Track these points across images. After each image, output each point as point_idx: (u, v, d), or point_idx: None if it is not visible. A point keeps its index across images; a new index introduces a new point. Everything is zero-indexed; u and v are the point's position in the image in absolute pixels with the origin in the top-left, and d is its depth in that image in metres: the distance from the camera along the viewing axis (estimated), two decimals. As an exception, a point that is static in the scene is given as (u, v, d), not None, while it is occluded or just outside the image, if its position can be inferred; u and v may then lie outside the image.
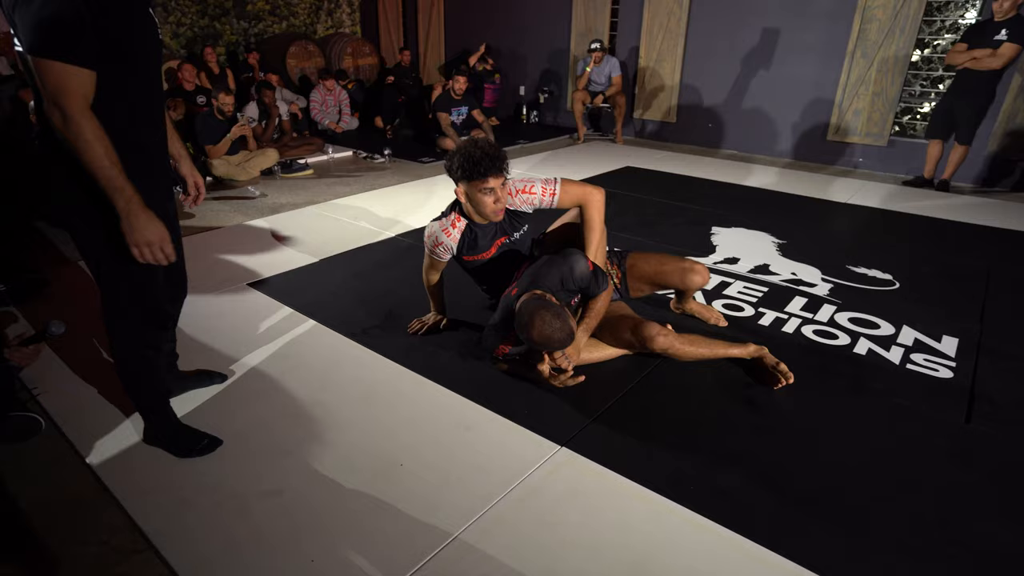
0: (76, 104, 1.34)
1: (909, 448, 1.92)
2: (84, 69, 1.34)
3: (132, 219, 1.44)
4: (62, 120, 1.34)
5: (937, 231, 4.06)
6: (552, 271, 2.11)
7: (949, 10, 5.32)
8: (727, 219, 4.12)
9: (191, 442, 1.86)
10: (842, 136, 5.89)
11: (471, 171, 2.08)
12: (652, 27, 6.80)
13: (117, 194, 1.42)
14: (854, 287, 3.10)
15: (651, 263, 2.48)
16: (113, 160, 1.40)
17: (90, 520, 1.62)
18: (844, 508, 1.67)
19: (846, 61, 5.67)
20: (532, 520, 1.62)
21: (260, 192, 4.74)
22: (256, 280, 3.11)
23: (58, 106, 1.33)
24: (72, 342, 2.45)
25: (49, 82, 1.32)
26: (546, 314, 1.89)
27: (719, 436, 1.97)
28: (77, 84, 1.34)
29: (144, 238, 1.46)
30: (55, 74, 1.31)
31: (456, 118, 6.25)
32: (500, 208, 2.17)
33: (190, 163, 1.87)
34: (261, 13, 8.20)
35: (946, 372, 2.33)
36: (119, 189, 1.42)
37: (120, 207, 1.42)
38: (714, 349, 2.29)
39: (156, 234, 1.48)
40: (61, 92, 1.32)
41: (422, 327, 2.56)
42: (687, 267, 2.44)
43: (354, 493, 1.71)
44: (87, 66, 1.35)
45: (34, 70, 1.33)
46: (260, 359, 2.38)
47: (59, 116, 1.33)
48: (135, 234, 1.45)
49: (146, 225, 1.46)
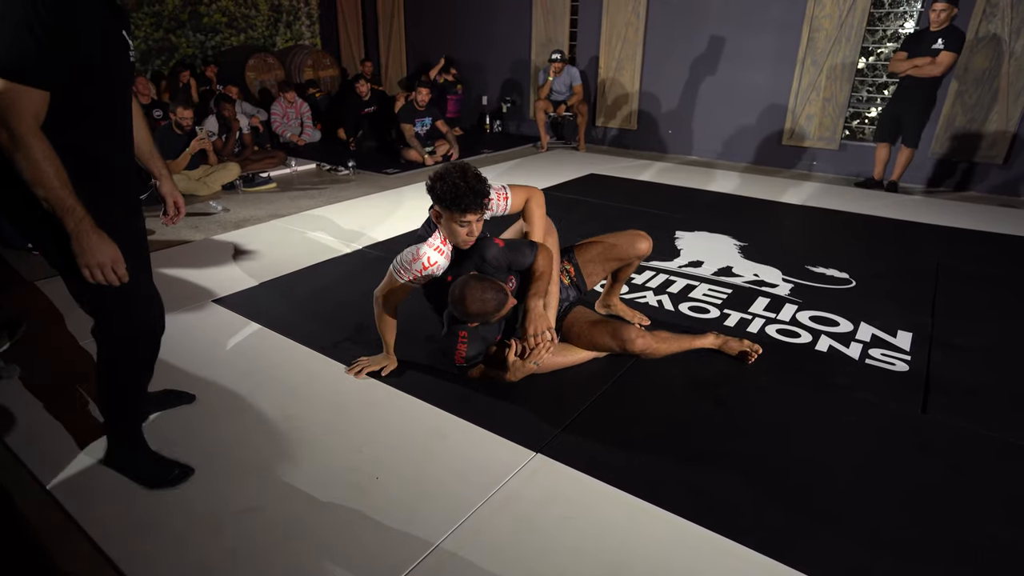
0: (26, 124, 1.30)
1: (872, 440, 1.99)
2: (36, 89, 1.31)
3: (82, 239, 1.40)
4: (10, 140, 1.30)
5: (888, 230, 4.24)
6: (469, 265, 2.15)
7: (890, 20, 5.58)
8: (690, 223, 4.22)
9: (161, 472, 1.78)
10: (797, 140, 6.10)
11: (452, 203, 2.01)
12: (611, 37, 6.94)
13: (67, 214, 1.38)
14: (814, 286, 3.20)
15: (598, 244, 2.52)
16: (63, 180, 1.36)
17: (53, 548, 1.56)
18: (816, 502, 1.72)
19: (797, 68, 5.89)
20: (511, 527, 1.63)
21: (222, 207, 4.65)
22: (221, 296, 3.05)
23: (6, 126, 1.29)
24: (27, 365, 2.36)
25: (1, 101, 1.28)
26: (472, 283, 2.00)
27: (692, 436, 2.01)
28: (27, 104, 1.30)
29: (94, 259, 1.42)
30: (5, 94, 1.28)
31: (420, 129, 6.25)
32: (471, 240, 2.13)
33: (171, 182, 1.84)
34: (218, 25, 8.07)
35: (902, 365, 2.43)
36: (69, 210, 1.38)
37: (70, 228, 1.39)
38: (682, 343, 2.43)
39: (107, 255, 1.44)
40: (11, 112, 1.29)
41: (361, 369, 2.34)
42: (634, 234, 2.51)
43: (330, 508, 1.69)
44: (40, 86, 1.31)
45: None
46: (228, 376, 2.33)
47: (6, 136, 1.30)
48: (84, 255, 1.42)
49: (96, 245, 1.42)
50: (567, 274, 2.47)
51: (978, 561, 1.54)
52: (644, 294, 3.09)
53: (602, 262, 2.52)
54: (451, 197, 2.00)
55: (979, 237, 4.11)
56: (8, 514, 1.68)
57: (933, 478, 1.82)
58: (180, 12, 7.55)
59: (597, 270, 2.53)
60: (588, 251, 2.52)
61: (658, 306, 2.96)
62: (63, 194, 1.36)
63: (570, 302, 2.46)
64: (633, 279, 3.26)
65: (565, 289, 2.44)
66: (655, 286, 3.19)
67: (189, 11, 7.70)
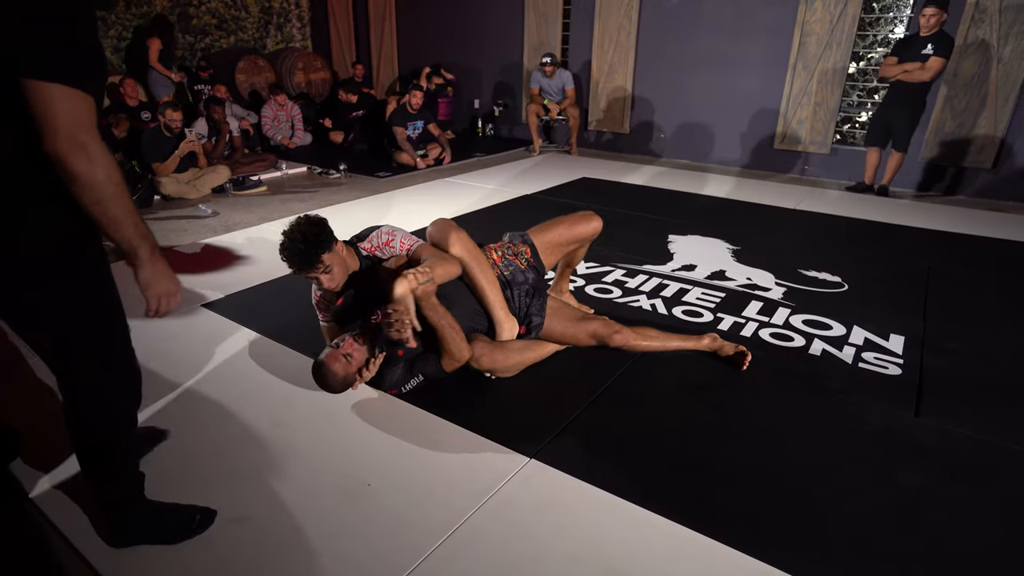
0: (97, 137, 1.14)
1: (866, 444, 1.99)
2: (90, 96, 1.14)
3: (156, 266, 1.28)
4: (86, 161, 1.11)
5: (879, 234, 4.26)
6: (360, 282, 2.29)
7: (880, 25, 5.63)
8: (682, 227, 4.22)
9: (182, 522, 1.58)
10: (789, 145, 6.13)
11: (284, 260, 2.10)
12: (603, 41, 6.95)
13: (143, 241, 1.25)
14: (806, 290, 3.21)
15: (554, 227, 2.52)
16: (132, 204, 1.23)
17: (37, 559, 1.52)
18: (812, 507, 1.71)
19: (788, 73, 5.92)
20: (506, 534, 1.61)
21: (212, 210, 4.61)
22: (210, 301, 3.01)
23: (79, 143, 1.11)
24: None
25: (64, 112, 1.09)
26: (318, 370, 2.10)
27: (686, 441, 2.00)
28: (92, 113, 1.13)
29: (164, 288, 1.31)
30: (78, 104, 1.11)
31: (412, 132, 6.23)
32: (333, 286, 2.18)
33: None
34: (207, 27, 8.01)
35: (895, 369, 2.43)
36: (145, 236, 1.25)
37: (144, 256, 1.26)
38: (666, 342, 2.46)
39: (173, 282, 1.33)
40: (83, 126, 1.11)
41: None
42: (585, 214, 2.55)
43: (322, 516, 1.66)
44: (90, 92, 1.14)
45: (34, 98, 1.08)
46: (217, 382, 2.30)
47: (83, 156, 1.11)
48: (158, 284, 1.29)
49: (165, 273, 1.31)
50: (522, 256, 2.43)
51: (973, 566, 1.53)
52: (637, 298, 3.08)
53: (559, 244, 2.52)
54: (282, 254, 2.08)
55: (969, 241, 4.13)
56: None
57: (927, 482, 1.82)
58: (169, 13, 7.49)
59: (555, 251, 2.53)
60: (544, 233, 2.51)
61: (651, 310, 2.95)
62: (138, 218, 1.23)
63: (532, 286, 2.39)
64: (627, 283, 3.25)
65: (523, 272, 2.39)
66: (648, 290, 3.18)
67: (178, 12, 7.64)
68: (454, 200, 4.96)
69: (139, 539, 1.54)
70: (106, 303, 1.36)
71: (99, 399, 1.41)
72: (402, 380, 2.18)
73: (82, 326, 1.33)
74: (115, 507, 1.52)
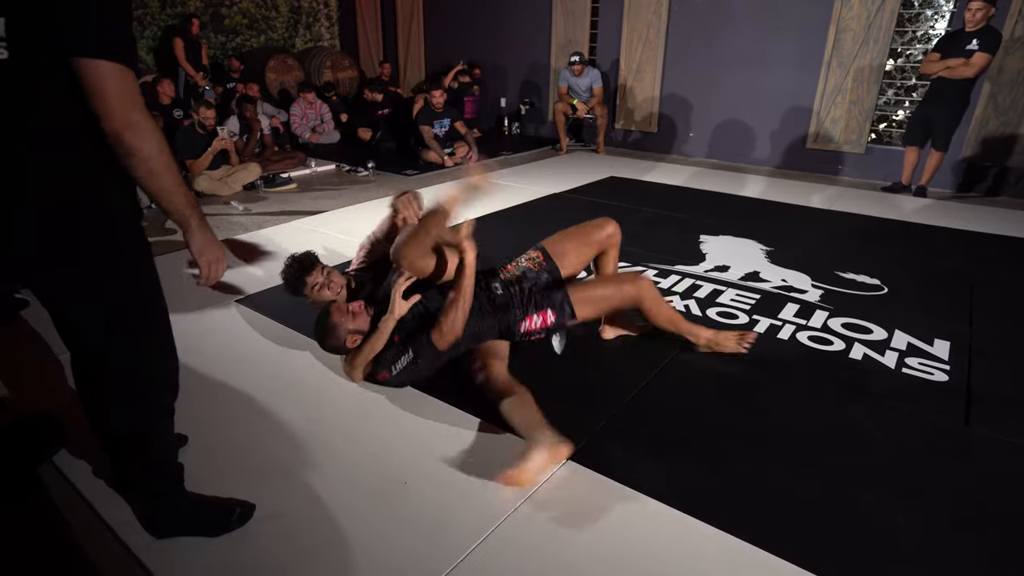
0: (148, 114, 1.18)
1: (912, 452, 1.92)
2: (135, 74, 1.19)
3: (206, 233, 1.33)
4: (140, 135, 1.16)
5: (918, 236, 4.14)
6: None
7: (920, 21, 5.47)
8: (714, 227, 4.15)
9: (222, 515, 1.57)
10: (822, 144, 6.00)
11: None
12: (631, 39, 6.88)
13: (193, 211, 1.30)
14: (844, 293, 3.13)
15: (566, 232, 2.53)
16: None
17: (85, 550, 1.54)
18: (857, 516, 1.66)
19: (822, 71, 5.79)
20: (543, 537, 1.58)
21: (243, 207, 4.66)
22: (244, 296, 3.03)
23: (133, 119, 1.15)
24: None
25: (120, 90, 1.13)
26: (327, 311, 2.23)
27: (724, 445, 1.95)
28: (139, 91, 1.17)
29: (214, 254, 1.36)
30: (128, 82, 1.14)
31: (439, 130, 6.24)
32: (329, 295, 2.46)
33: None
34: (238, 27, 8.13)
35: (941, 375, 2.35)
36: (194, 205, 1.30)
37: (195, 223, 1.31)
38: (677, 320, 2.41)
39: (220, 248, 1.38)
40: (136, 103, 1.15)
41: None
42: (599, 220, 2.54)
43: (358, 513, 1.65)
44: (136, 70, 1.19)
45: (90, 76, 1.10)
46: (251, 377, 2.31)
47: (137, 131, 1.15)
48: (210, 250, 1.35)
49: (214, 240, 1.36)
50: (535, 260, 2.45)
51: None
52: (671, 299, 3.03)
53: (575, 246, 2.49)
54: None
55: (1014, 243, 3.99)
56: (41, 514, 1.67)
57: (980, 493, 1.75)
58: (201, 14, 7.61)
59: (570, 253, 2.48)
60: (556, 239, 2.52)
61: (685, 311, 2.90)
62: (186, 188, 1.27)
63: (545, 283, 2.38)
64: (659, 283, 3.20)
65: (535, 272, 2.40)
66: (682, 290, 3.13)
67: (211, 13, 7.76)
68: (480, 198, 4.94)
69: (177, 530, 1.54)
70: (154, 294, 1.39)
71: (135, 417, 1.42)
72: (393, 358, 2.14)
73: (132, 318, 1.35)
74: (154, 498, 1.54)
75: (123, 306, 1.33)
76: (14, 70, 1.10)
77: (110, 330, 1.33)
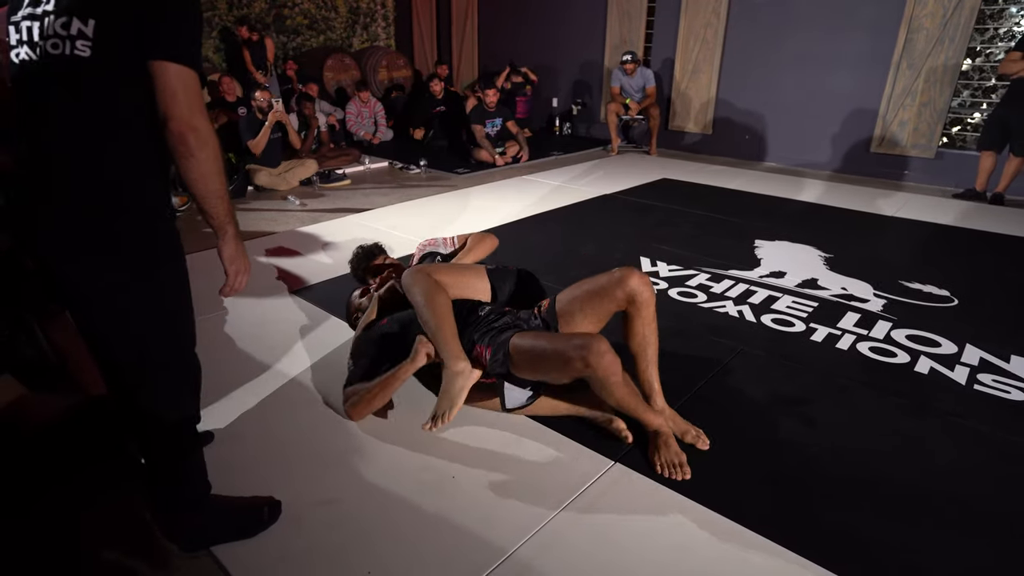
0: (208, 119, 1.23)
1: (984, 474, 1.81)
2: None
3: (239, 245, 1.37)
4: (200, 140, 1.19)
5: (994, 246, 3.91)
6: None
7: (1003, 18, 5.17)
8: (770, 232, 4.03)
9: (253, 516, 1.57)
10: (887, 148, 5.74)
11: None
12: (688, 38, 6.75)
13: (231, 220, 1.33)
14: (909, 303, 2.98)
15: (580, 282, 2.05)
16: None
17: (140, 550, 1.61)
18: (920, 539, 1.58)
19: (891, 72, 5.54)
20: (589, 538, 1.57)
21: (300, 202, 4.80)
22: (299, 288, 3.12)
23: (196, 123, 1.19)
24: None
25: (190, 94, 1.18)
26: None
27: (776, 454, 1.89)
28: (202, 96, 1.25)
29: (244, 265, 1.40)
30: (198, 87, 1.20)
31: (491, 129, 6.27)
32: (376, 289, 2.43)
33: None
34: (299, 27, 8.37)
35: (1018, 394, 2.21)
36: (233, 215, 1.33)
37: (231, 232, 1.35)
38: (633, 400, 1.83)
39: (248, 262, 1.42)
40: (200, 106, 1.20)
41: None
42: (619, 270, 1.94)
43: (407, 505, 1.67)
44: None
45: (166, 78, 1.16)
46: (304, 367, 2.37)
47: (197, 134, 1.19)
48: (240, 260, 1.38)
49: (244, 252, 1.40)
50: (540, 306, 2.14)
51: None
52: (723, 303, 2.95)
53: (582, 300, 1.99)
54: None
55: (1100, 256, 3.73)
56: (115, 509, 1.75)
57: (1060, 522, 1.63)
58: (265, 15, 7.87)
59: (579, 310, 2.00)
60: (570, 288, 2.07)
61: (739, 316, 2.82)
62: (229, 198, 1.31)
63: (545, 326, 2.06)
64: (711, 288, 3.13)
65: (528, 318, 2.09)
66: (735, 296, 3.05)
67: (274, 14, 8.02)
68: (531, 198, 4.95)
69: (216, 539, 1.52)
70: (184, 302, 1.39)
71: (170, 397, 1.40)
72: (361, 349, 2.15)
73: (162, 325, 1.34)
74: (187, 508, 1.49)
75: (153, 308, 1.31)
76: (93, 68, 1.16)
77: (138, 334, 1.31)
